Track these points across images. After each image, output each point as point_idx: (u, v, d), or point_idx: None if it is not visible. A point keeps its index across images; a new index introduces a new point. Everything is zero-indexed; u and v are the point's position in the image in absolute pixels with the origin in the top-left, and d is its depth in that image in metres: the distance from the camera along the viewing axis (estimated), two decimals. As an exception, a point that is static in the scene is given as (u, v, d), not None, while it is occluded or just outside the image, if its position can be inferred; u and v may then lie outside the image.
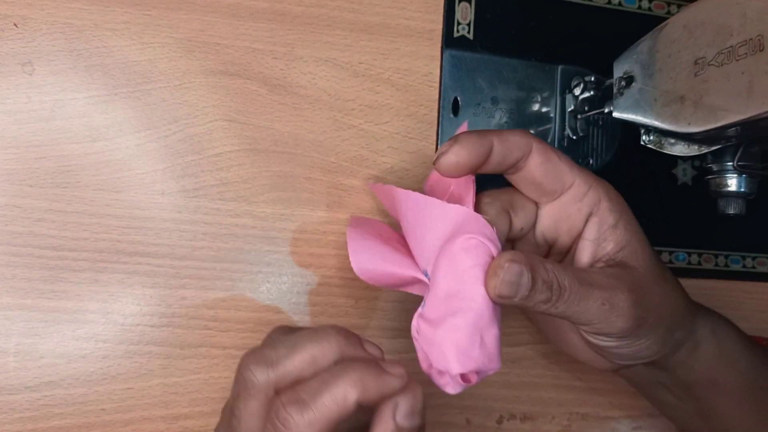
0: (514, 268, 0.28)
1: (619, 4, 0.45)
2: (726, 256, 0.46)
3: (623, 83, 0.37)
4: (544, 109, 0.43)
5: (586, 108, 0.42)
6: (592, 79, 0.41)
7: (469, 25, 0.42)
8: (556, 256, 0.35)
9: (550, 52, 0.43)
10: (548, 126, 0.43)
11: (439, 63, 0.41)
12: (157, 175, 0.37)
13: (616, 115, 0.37)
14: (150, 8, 0.37)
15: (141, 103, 0.37)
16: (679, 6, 0.45)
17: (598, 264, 0.32)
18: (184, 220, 0.37)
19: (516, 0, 0.43)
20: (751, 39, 0.30)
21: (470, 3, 0.42)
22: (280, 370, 0.28)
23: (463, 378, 0.29)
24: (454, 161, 0.30)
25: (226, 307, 0.38)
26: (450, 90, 0.41)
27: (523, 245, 0.34)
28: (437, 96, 0.41)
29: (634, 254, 0.32)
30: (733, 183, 0.36)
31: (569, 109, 0.42)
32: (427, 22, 0.41)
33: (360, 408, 0.27)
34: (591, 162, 0.43)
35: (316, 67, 0.39)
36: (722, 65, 0.32)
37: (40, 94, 0.36)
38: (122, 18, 0.37)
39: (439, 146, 0.41)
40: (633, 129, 0.38)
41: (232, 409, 0.29)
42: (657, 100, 0.35)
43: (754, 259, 0.46)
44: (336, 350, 0.28)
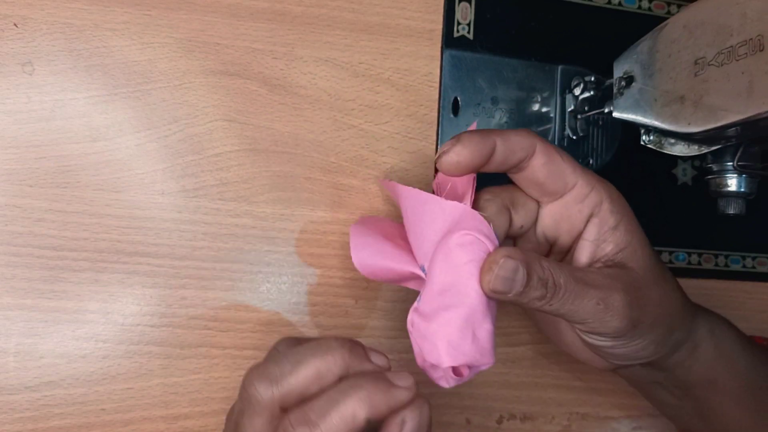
0: (510, 264, 0.28)
1: (619, 4, 0.45)
2: (726, 256, 0.46)
3: (623, 83, 0.37)
4: (544, 109, 0.43)
5: (586, 108, 0.42)
6: (592, 79, 0.41)
7: (469, 25, 0.42)
8: (557, 256, 0.35)
9: (550, 52, 0.43)
10: (548, 126, 0.43)
11: (439, 63, 0.41)
12: (157, 175, 0.37)
13: (616, 115, 0.37)
14: (150, 8, 0.37)
15: (141, 103, 0.37)
16: (679, 6, 0.45)
17: (597, 264, 0.32)
18: (184, 220, 0.37)
19: (516, 0, 0.43)
20: (751, 39, 0.30)
21: (470, 3, 0.42)
22: (285, 387, 0.28)
23: (455, 372, 0.29)
24: (455, 161, 0.30)
25: (226, 307, 0.38)
26: (450, 90, 0.41)
27: (524, 243, 0.34)
28: (437, 96, 0.41)
29: (633, 255, 0.32)
30: (733, 183, 0.36)
31: (569, 109, 0.42)
32: (427, 22, 0.41)
33: (368, 423, 0.27)
34: (591, 162, 0.43)
35: (316, 67, 0.39)
36: (722, 65, 0.32)
37: (40, 94, 0.36)
38: (122, 18, 0.37)
39: (439, 146, 0.41)
40: (633, 129, 0.38)
41: (237, 425, 0.29)
42: (657, 100, 0.35)
43: (754, 259, 0.46)
44: (341, 364, 0.28)
